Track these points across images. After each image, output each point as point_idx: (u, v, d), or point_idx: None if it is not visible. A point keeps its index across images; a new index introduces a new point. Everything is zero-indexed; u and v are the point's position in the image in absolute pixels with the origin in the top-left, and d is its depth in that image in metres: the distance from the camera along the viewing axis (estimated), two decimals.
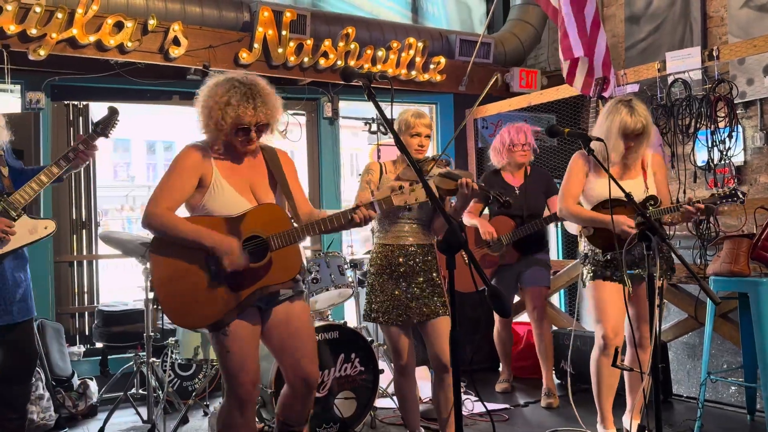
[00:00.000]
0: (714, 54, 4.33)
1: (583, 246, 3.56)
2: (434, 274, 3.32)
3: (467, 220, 4.66)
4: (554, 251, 6.57)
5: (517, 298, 5.18)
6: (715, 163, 4.32)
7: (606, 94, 4.95)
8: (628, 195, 2.75)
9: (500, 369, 5.01)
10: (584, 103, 5.29)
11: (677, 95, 4.53)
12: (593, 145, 2.90)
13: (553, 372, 4.73)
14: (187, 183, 2.59)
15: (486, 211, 4.83)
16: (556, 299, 6.45)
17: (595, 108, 4.93)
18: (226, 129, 2.56)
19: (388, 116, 2.25)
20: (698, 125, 4.39)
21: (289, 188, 2.74)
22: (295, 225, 2.64)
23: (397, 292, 3.29)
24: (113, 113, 3.12)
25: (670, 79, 4.53)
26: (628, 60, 6.07)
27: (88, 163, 3.14)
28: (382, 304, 3.31)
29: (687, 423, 3.92)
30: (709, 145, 4.32)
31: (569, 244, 6.48)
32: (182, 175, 2.60)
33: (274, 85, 2.70)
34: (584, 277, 3.52)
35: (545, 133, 3.00)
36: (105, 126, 3.10)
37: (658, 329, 2.66)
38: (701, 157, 4.43)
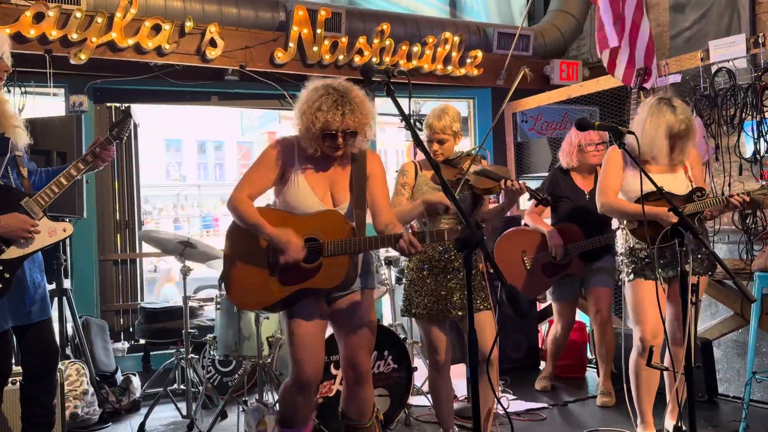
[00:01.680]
0: (760, 41, 4.18)
1: (624, 241, 3.48)
2: (474, 270, 3.29)
3: (530, 222, 4.57)
4: None
5: None
6: (761, 154, 4.17)
7: (647, 85, 4.83)
8: (659, 189, 2.68)
9: (543, 366, 4.93)
10: (628, 95, 5.17)
11: (721, 85, 4.39)
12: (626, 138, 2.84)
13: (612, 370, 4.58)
14: (268, 174, 2.78)
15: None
16: None
17: (636, 99, 4.82)
18: (316, 133, 2.67)
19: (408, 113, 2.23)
20: (744, 116, 4.25)
21: (365, 196, 2.82)
22: (353, 237, 2.70)
23: (436, 287, 3.29)
24: (126, 116, 3.14)
25: (714, 69, 4.39)
26: (673, 49, 5.90)
27: (108, 163, 3.17)
28: (422, 299, 3.31)
29: (731, 424, 3.81)
30: (756, 136, 4.18)
31: None
32: (265, 166, 2.79)
33: (371, 94, 2.79)
34: (623, 275, 3.45)
35: (574, 126, 2.94)
36: (119, 129, 3.12)
37: (692, 328, 2.58)
38: (748, 148, 4.29)
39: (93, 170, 3.15)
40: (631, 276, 3.39)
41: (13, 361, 3.23)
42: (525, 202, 5.70)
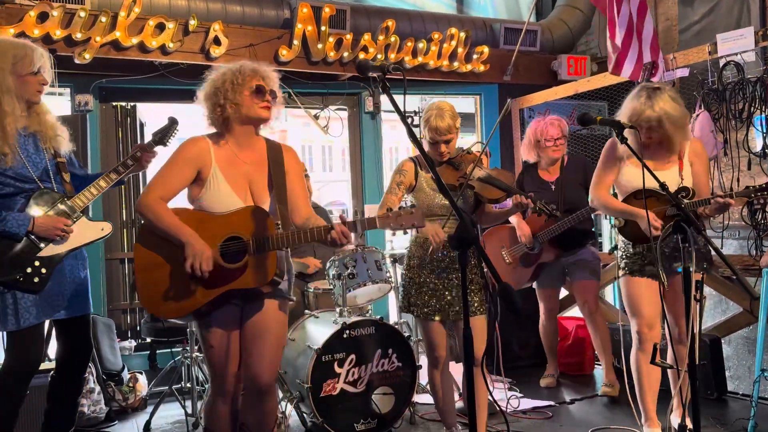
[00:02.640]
0: None
1: (616, 237, 3.49)
2: (473, 271, 3.28)
3: (512, 219, 4.59)
4: (606, 243, 6.41)
5: (564, 292, 5.09)
6: None
7: (655, 80, 4.79)
8: (662, 185, 2.66)
9: (547, 364, 4.93)
10: None
11: (729, 79, 4.35)
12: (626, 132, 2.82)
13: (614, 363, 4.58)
14: (181, 174, 2.66)
15: None
16: (610, 293, 6.30)
17: None
18: (240, 98, 2.63)
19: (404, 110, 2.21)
20: (753, 110, 4.21)
21: (285, 191, 2.74)
22: (280, 232, 2.62)
23: (435, 286, 3.29)
24: (172, 123, 3.26)
25: (722, 62, 4.35)
26: (682, 43, 5.85)
27: (147, 168, 3.28)
28: (420, 297, 3.32)
29: (740, 422, 3.78)
30: (765, 131, 4.13)
31: None
32: (178, 166, 2.66)
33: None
34: (617, 271, 3.45)
35: (576, 121, 2.93)
36: (163, 135, 3.25)
37: (696, 325, 2.56)
38: (757, 142, 4.25)
39: (134, 173, 3.27)
40: (623, 272, 3.40)
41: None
42: None
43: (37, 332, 3.05)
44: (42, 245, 2.98)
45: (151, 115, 5.72)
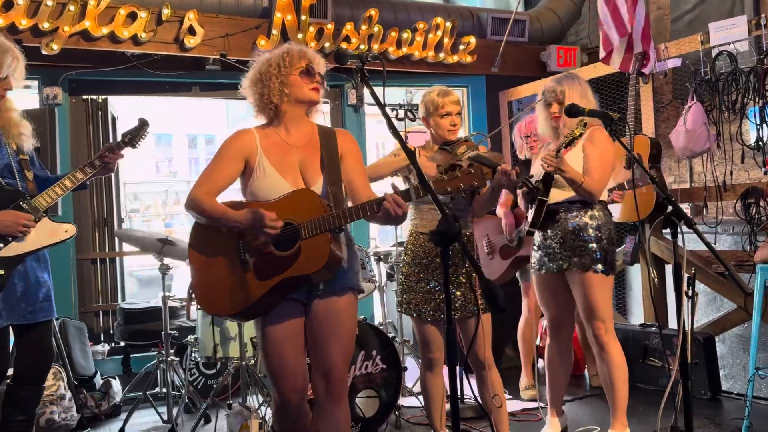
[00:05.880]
0: (762, 22, 4.15)
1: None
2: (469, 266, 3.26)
3: (500, 212, 4.59)
4: None
5: None
6: (765, 141, 4.15)
7: (646, 71, 4.81)
8: (652, 179, 2.66)
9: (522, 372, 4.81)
10: (627, 81, 5.15)
11: (722, 69, 4.37)
12: None
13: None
14: (227, 167, 2.66)
15: None
16: None
17: (634, 86, 4.80)
18: (288, 80, 2.63)
19: (383, 101, 2.20)
20: (746, 101, 4.23)
21: (339, 172, 2.69)
22: (332, 212, 2.54)
23: (432, 284, 3.26)
24: (143, 124, 3.22)
25: (715, 52, 4.37)
26: (674, 33, 5.87)
27: (113, 170, 3.24)
28: (415, 296, 3.28)
29: (734, 422, 3.80)
30: (758, 122, 4.15)
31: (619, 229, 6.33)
32: (223, 159, 2.67)
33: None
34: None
35: (564, 113, 2.93)
36: (133, 136, 3.21)
37: (688, 323, 2.57)
38: (751, 135, 4.27)
39: (101, 175, 3.22)
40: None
41: None
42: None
43: (2, 338, 3.01)
44: (1, 245, 2.92)
45: (124, 108, 5.67)
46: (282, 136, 2.70)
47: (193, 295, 2.95)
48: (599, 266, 3.33)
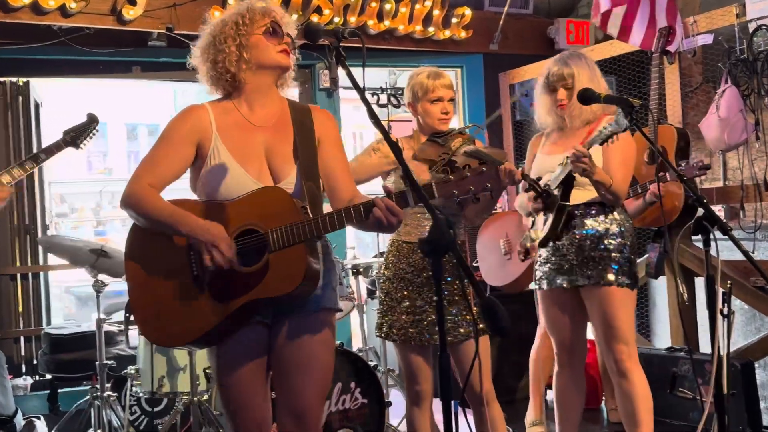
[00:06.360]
0: None
1: None
2: (467, 281, 3.27)
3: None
4: None
5: None
6: None
7: (671, 48, 4.85)
8: (659, 177, 2.69)
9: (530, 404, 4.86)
10: (649, 60, 5.20)
11: (761, 46, 4.43)
12: None
13: None
14: (176, 153, 2.50)
15: None
16: None
17: (657, 65, 4.84)
18: (249, 41, 2.49)
19: (361, 84, 2.20)
20: None
21: (316, 163, 2.54)
22: (308, 218, 2.40)
23: (418, 303, 3.26)
24: (91, 121, 3.20)
25: (752, 27, 4.42)
26: (704, 5, 5.94)
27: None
28: (398, 318, 3.28)
29: None
30: None
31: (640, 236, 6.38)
32: (171, 142, 2.51)
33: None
34: None
35: (577, 98, 2.95)
36: (77, 135, 3.18)
37: (723, 347, 2.59)
38: None
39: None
40: None
41: None
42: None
43: None
44: None
45: (50, 93, 5.64)
46: (243, 113, 2.55)
47: (131, 318, 2.86)
48: (623, 278, 3.34)
